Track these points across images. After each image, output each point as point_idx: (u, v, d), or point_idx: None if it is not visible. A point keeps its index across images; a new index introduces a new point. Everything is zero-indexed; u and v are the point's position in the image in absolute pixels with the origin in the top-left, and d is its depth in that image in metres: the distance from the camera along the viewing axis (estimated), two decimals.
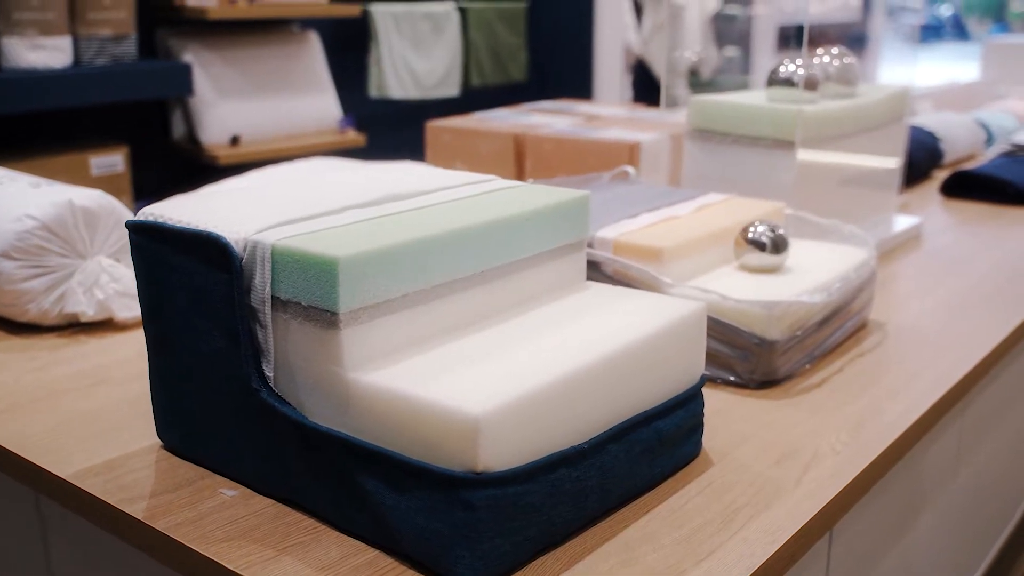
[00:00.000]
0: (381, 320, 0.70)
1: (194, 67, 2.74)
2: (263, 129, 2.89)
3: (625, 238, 1.04)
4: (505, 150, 1.88)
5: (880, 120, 1.48)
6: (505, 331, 0.77)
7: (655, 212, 1.14)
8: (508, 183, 0.91)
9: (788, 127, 1.30)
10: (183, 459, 0.83)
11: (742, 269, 1.09)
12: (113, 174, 2.50)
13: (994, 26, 16.65)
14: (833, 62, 1.44)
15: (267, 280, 0.71)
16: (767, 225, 1.07)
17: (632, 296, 0.86)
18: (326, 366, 0.70)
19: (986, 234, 1.61)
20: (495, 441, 0.64)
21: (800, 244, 1.18)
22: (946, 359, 1.07)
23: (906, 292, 1.31)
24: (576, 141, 1.78)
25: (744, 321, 0.96)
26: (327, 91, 3.08)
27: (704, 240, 1.07)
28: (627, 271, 1.02)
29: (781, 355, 0.97)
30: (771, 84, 1.37)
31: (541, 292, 0.84)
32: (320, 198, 0.82)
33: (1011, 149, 2.00)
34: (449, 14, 3.58)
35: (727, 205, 1.19)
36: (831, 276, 1.07)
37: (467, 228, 0.75)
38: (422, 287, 0.73)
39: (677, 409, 0.80)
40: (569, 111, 2.16)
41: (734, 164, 1.36)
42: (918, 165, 1.96)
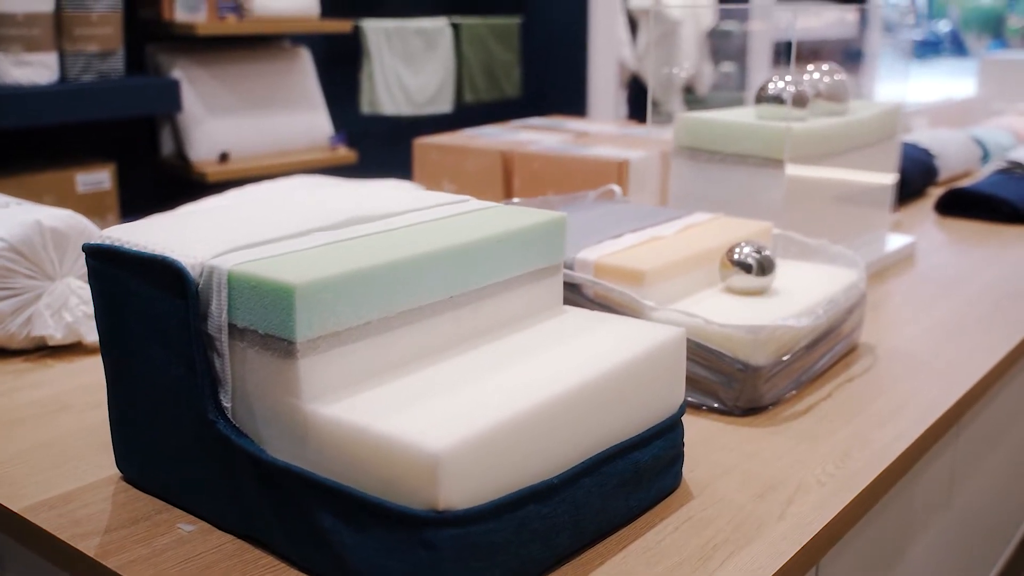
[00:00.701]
0: (341, 349, 0.67)
1: (183, 83, 2.71)
2: (253, 146, 2.87)
3: (606, 260, 1.01)
4: (493, 168, 1.85)
5: (872, 137, 1.46)
6: (475, 359, 0.74)
7: (639, 232, 1.11)
8: (482, 204, 0.88)
9: (776, 145, 1.27)
10: (142, 491, 0.80)
11: (728, 291, 1.06)
12: (99, 191, 2.47)
13: (992, 42, 16.68)
14: (823, 79, 1.42)
15: (223, 307, 0.68)
16: (753, 246, 1.04)
17: (609, 321, 0.83)
18: (283, 397, 0.67)
19: (981, 253, 1.58)
20: (457, 478, 0.60)
21: (788, 265, 1.15)
22: (938, 383, 1.04)
23: (898, 314, 1.28)
24: (564, 159, 1.75)
25: (728, 346, 0.93)
26: (318, 107, 3.06)
27: (688, 261, 1.04)
28: (608, 294, 0.99)
29: (766, 381, 0.94)
30: (759, 101, 1.34)
31: (514, 318, 0.81)
32: (285, 220, 0.79)
33: (1007, 166, 1.98)
34: (442, 30, 3.56)
35: (713, 225, 1.16)
36: (819, 298, 1.04)
37: (434, 252, 0.72)
38: (386, 314, 0.70)
39: (655, 440, 0.77)
40: (559, 128, 2.13)
41: (722, 183, 1.33)
42: (912, 182, 1.93)
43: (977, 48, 14.57)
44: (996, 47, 15.16)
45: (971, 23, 17.79)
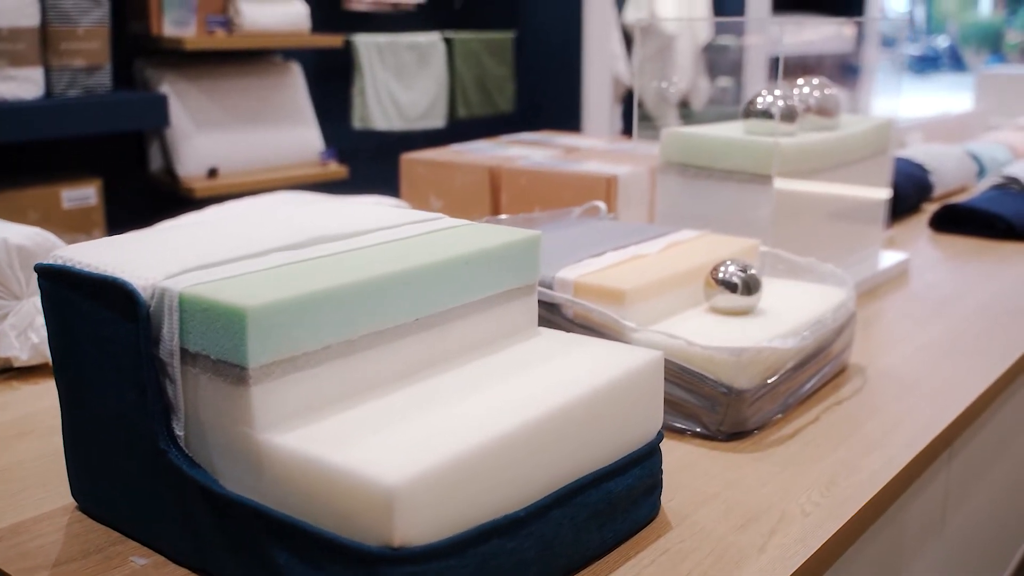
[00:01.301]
0: (298, 375, 0.64)
1: (171, 98, 2.69)
2: (242, 161, 2.84)
3: (586, 279, 0.98)
4: (480, 183, 1.82)
5: (863, 152, 1.43)
6: (441, 385, 0.71)
7: (622, 250, 1.08)
8: (455, 222, 0.85)
9: (764, 160, 1.24)
10: (97, 522, 0.76)
11: (712, 311, 1.02)
12: (86, 207, 2.44)
13: (991, 57, 16.71)
14: (813, 93, 1.39)
15: (175, 331, 0.65)
16: (738, 264, 1.01)
17: (585, 344, 0.80)
18: (236, 426, 0.63)
19: (976, 270, 1.55)
20: (414, 512, 0.57)
21: (776, 284, 1.12)
22: (931, 405, 1.01)
23: (890, 333, 1.24)
24: (552, 174, 1.72)
25: (711, 368, 0.90)
26: (309, 122, 3.03)
27: (671, 280, 1.01)
28: (588, 314, 0.96)
29: (751, 405, 0.91)
30: (748, 116, 1.32)
31: (485, 341, 0.78)
32: (247, 239, 0.76)
33: (1003, 181, 1.95)
34: (434, 44, 3.54)
35: (699, 242, 1.13)
36: (806, 318, 1.01)
37: (399, 272, 0.69)
38: (346, 338, 0.66)
39: (631, 468, 0.74)
40: (549, 143, 2.10)
41: (710, 199, 1.30)
42: (906, 198, 1.90)
43: (975, 63, 14.61)
44: (994, 62, 15.20)
45: (969, 38, 17.84)
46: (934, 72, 17.45)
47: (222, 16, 2.75)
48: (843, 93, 1.76)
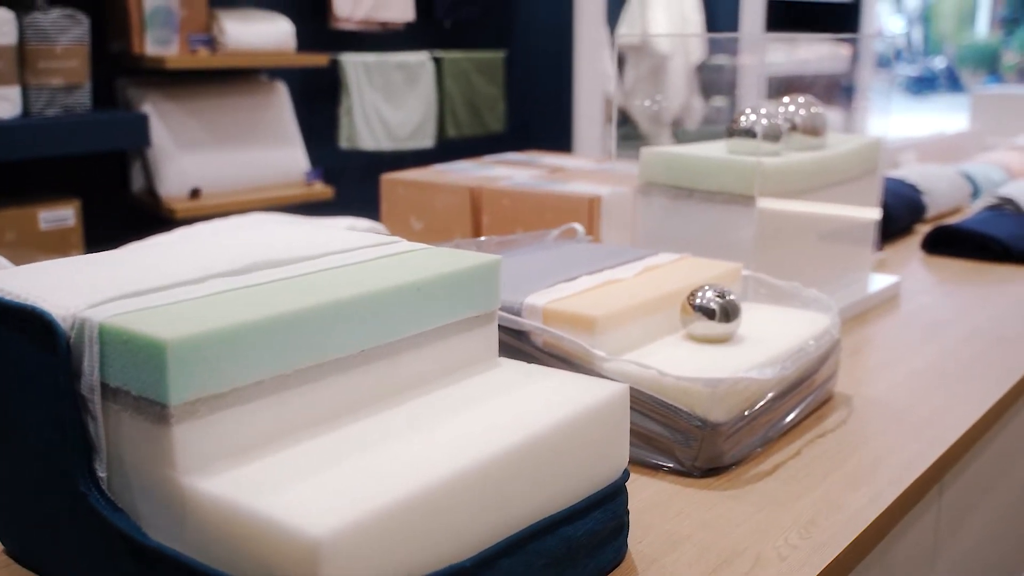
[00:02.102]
0: (226, 413, 0.59)
1: (153, 118, 2.65)
2: (226, 182, 2.80)
3: (556, 305, 0.93)
4: (461, 205, 1.77)
5: (851, 173, 1.38)
6: (387, 423, 0.66)
7: (596, 275, 1.03)
8: (412, 246, 0.80)
9: (747, 181, 1.19)
10: (24, 567, 0.71)
11: (689, 339, 0.97)
12: (63, 228, 2.40)
13: (987, 78, 16.72)
14: (799, 111, 1.34)
15: (95, 364, 0.60)
16: (715, 290, 0.96)
17: (546, 376, 0.75)
18: (158, 468, 0.58)
19: (969, 294, 1.50)
20: (343, 565, 0.52)
21: (758, 310, 1.07)
22: (920, 438, 0.96)
23: (878, 360, 1.20)
24: (534, 195, 1.68)
25: (685, 400, 0.85)
26: (294, 142, 2.99)
27: (646, 306, 0.96)
28: (558, 342, 0.91)
29: (727, 439, 0.86)
30: (731, 135, 1.27)
31: (438, 374, 0.73)
32: (185, 264, 0.71)
33: (997, 203, 1.90)
34: (423, 64, 3.50)
35: (678, 266, 1.08)
36: (788, 347, 0.96)
37: (341, 301, 0.64)
38: (281, 372, 0.61)
39: (593, 511, 0.69)
40: (534, 163, 2.06)
41: (691, 221, 1.25)
42: (899, 219, 1.86)
43: (972, 84, 14.61)
44: (991, 83, 15.23)
45: (966, 60, 17.87)
46: (931, 93, 17.46)
47: (205, 35, 2.71)
48: (837, 112, 1.72)
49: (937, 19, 19.52)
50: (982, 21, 18.70)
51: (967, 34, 18.65)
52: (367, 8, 3.24)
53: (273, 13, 2.91)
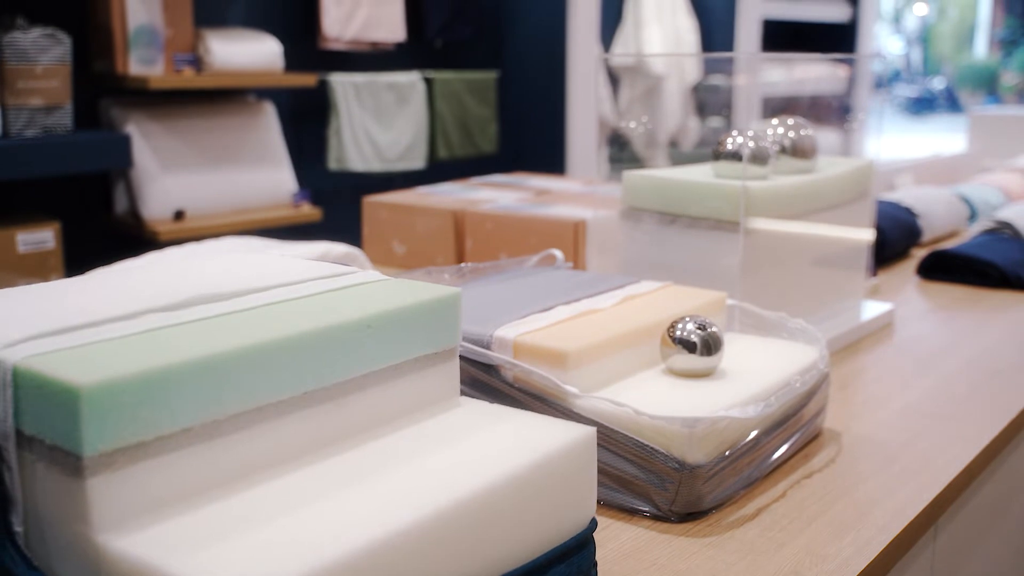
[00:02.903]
0: (148, 464, 0.54)
1: (137, 138, 2.60)
2: (211, 203, 2.75)
3: (527, 338, 0.88)
4: (444, 228, 1.73)
5: (842, 196, 1.33)
6: (332, 471, 0.61)
7: (573, 305, 0.99)
8: (368, 276, 0.75)
9: (732, 205, 1.15)
10: None
11: (669, 373, 0.93)
12: (43, 251, 2.35)
13: (987, 99, 16.74)
14: (788, 134, 1.30)
15: (9, 410, 0.55)
16: (696, 322, 0.91)
17: (509, 417, 0.70)
18: (74, 524, 0.53)
19: (966, 322, 1.46)
20: None
21: (742, 341, 1.02)
22: (913, 478, 0.91)
23: (870, 393, 1.15)
24: (518, 218, 1.63)
25: (661, 441, 0.80)
26: (282, 163, 2.94)
27: (623, 339, 0.91)
28: (529, 378, 0.86)
29: (706, 481, 0.81)
30: (717, 158, 1.23)
31: (391, 416, 0.68)
32: (120, 299, 0.66)
33: (994, 226, 1.85)
34: (414, 84, 3.46)
35: (659, 295, 1.04)
36: (773, 382, 0.91)
37: (281, 340, 0.59)
38: (213, 418, 0.57)
39: (557, 565, 0.64)
40: (520, 185, 2.01)
41: (675, 247, 1.20)
42: (893, 244, 1.81)
43: (971, 105, 14.63)
44: (990, 103, 15.22)
45: (965, 80, 17.89)
46: (930, 113, 17.47)
47: (191, 54, 2.67)
48: (833, 134, 1.67)
49: (936, 40, 19.56)
50: (981, 42, 18.74)
51: (966, 55, 18.68)
52: (357, 28, 3.20)
53: (261, 33, 2.87)
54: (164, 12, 2.61)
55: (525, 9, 3.83)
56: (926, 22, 19.92)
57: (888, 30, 20.44)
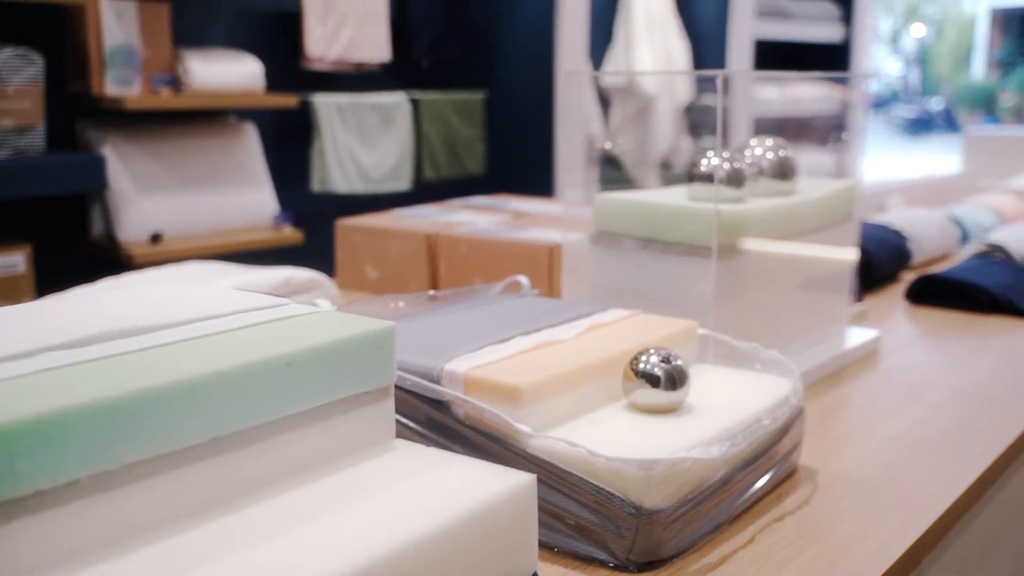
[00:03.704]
0: (26, 522, 0.49)
1: (113, 160, 2.55)
2: (189, 226, 2.70)
3: (479, 372, 0.83)
4: (417, 252, 1.68)
5: (824, 219, 1.28)
6: (243, 524, 0.56)
7: (533, 335, 0.93)
8: (299, 310, 0.70)
9: (705, 229, 1.09)
10: None
11: (632, 409, 0.87)
12: (13, 275, 2.30)
13: (984, 119, 16.76)
14: (767, 154, 1.25)
15: None
16: (660, 354, 0.86)
17: (445, 463, 0.65)
18: None
19: (953, 349, 1.40)
20: None
21: (713, 374, 0.97)
22: (892, 520, 0.85)
23: (851, 427, 1.09)
24: (492, 242, 1.58)
25: (617, 484, 0.74)
26: (263, 185, 2.90)
27: (583, 373, 0.86)
28: (480, 415, 0.81)
29: (666, 527, 0.75)
30: (691, 180, 1.17)
31: (316, 463, 0.62)
32: (21, 334, 0.60)
33: (986, 249, 1.80)
34: (399, 104, 3.41)
35: (627, 324, 0.98)
36: (743, 417, 0.85)
37: (183, 382, 0.54)
38: (103, 469, 0.51)
39: None
40: (500, 208, 1.96)
41: (647, 273, 1.15)
42: (881, 267, 1.76)
43: (969, 125, 14.66)
44: (988, 123, 15.23)
45: (963, 101, 17.93)
46: (928, 134, 17.49)
47: (169, 75, 2.62)
48: (823, 154, 1.62)
49: (934, 61, 19.61)
50: (978, 63, 18.78)
51: (963, 76, 18.73)
52: (341, 48, 3.16)
53: (241, 53, 2.83)
54: (141, 32, 2.57)
55: (513, 29, 3.79)
56: (924, 43, 19.97)
57: (886, 51, 20.50)
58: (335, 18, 3.12)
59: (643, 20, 4.26)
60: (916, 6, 20.40)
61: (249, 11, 3.10)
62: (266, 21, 3.17)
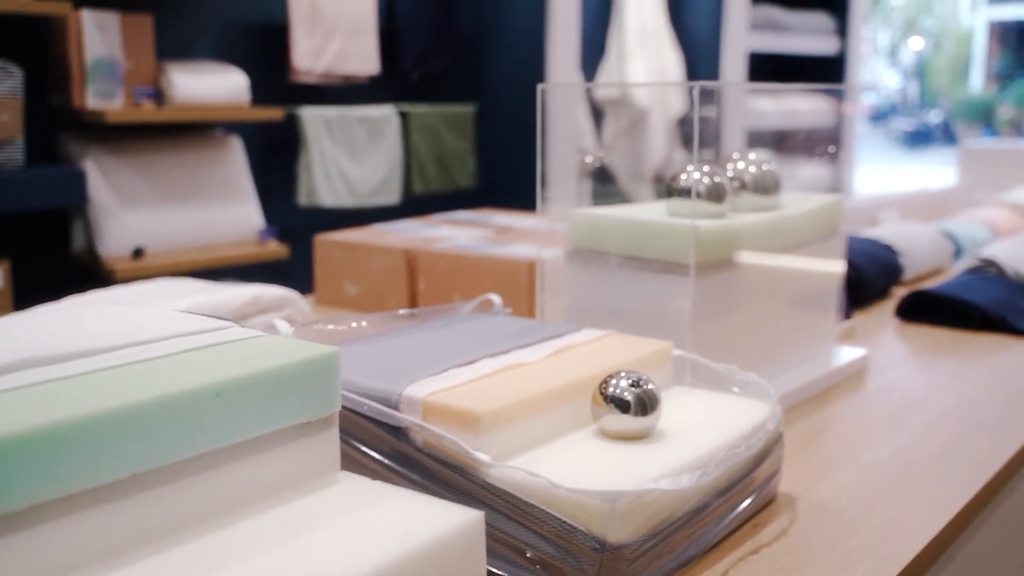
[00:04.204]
0: None
1: (94, 174, 2.52)
2: (172, 240, 2.66)
3: (438, 397, 0.79)
4: (397, 268, 1.64)
5: (808, 235, 1.25)
6: (167, 566, 0.52)
7: (499, 358, 0.89)
8: (241, 334, 0.66)
9: (683, 246, 1.06)
10: None
11: (601, 435, 0.83)
12: None
13: (983, 131, 16.77)
14: (750, 168, 1.21)
15: None
16: (631, 378, 0.82)
17: (391, 497, 0.61)
18: None
19: (943, 368, 1.36)
20: None
21: (689, 397, 0.93)
22: (876, 551, 0.81)
23: (834, 452, 1.05)
24: (471, 258, 1.54)
25: (580, 517, 0.70)
26: (248, 199, 2.86)
27: (549, 397, 0.82)
28: (440, 443, 0.77)
29: (632, 562, 0.71)
30: (671, 194, 1.14)
31: (251, 498, 0.58)
32: None
33: (979, 264, 1.76)
34: (388, 118, 3.38)
35: (599, 346, 0.94)
36: (718, 444, 0.81)
37: (99, 415, 0.50)
38: (10, 509, 0.47)
39: None
40: (483, 223, 1.93)
41: (624, 291, 1.11)
42: (871, 283, 1.72)
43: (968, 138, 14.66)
44: (987, 136, 15.23)
45: (962, 113, 17.93)
46: (927, 146, 17.48)
47: (152, 88, 2.59)
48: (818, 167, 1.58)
49: (932, 74, 19.61)
50: (976, 75, 18.79)
51: (962, 88, 18.73)
52: (329, 61, 3.12)
53: (226, 65, 2.80)
54: (124, 44, 2.54)
55: (504, 41, 3.76)
56: (922, 56, 19.97)
57: (885, 64, 20.51)
58: (323, 30, 3.09)
59: (636, 32, 4.24)
60: (914, 19, 20.44)
61: (235, 23, 3.07)
62: (253, 33, 3.14)
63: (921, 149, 17.93)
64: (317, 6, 3.07)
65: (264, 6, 3.14)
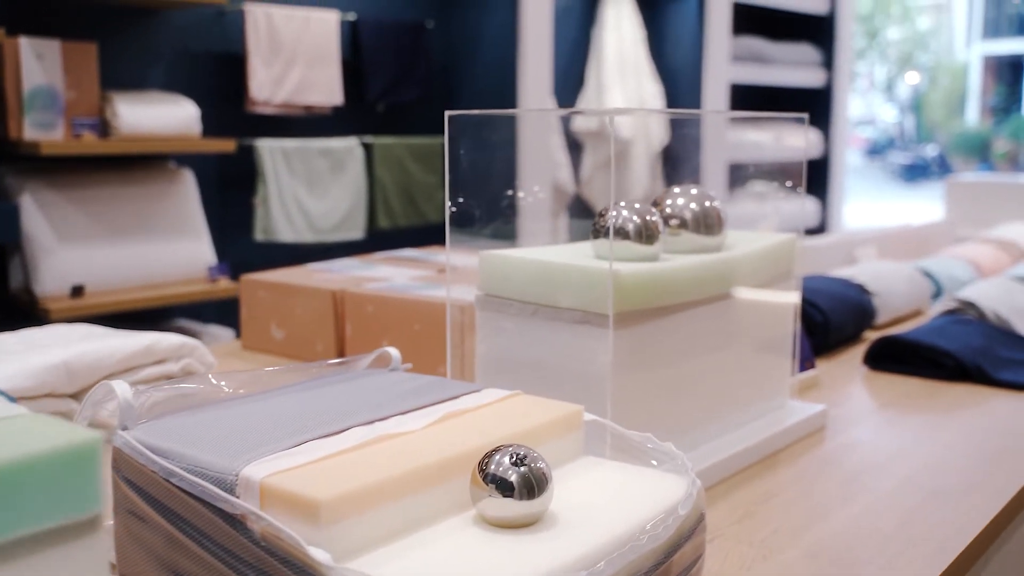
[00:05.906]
0: None
1: (32, 209, 2.40)
2: (115, 278, 2.54)
3: (277, 480, 0.66)
4: (324, 311, 1.51)
5: (757, 278, 1.12)
6: None
7: (375, 425, 0.77)
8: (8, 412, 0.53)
9: (602, 293, 0.93)
10: None
11: (481, 521, 0.70)
12: None
13: (979, 165, 16.72)
14: (691, 204, 1.09)
15: None
16: (515, 454, 0.69)
17: None
18: None
19: (910, 425, 1.23)
20: None
21: (598, 472, 0.80)
22: None
23: (776, 528, 0.92)
24: (399, 301, 1.42)
25: None
26: (199, 234, 2.74)
27: (415, 478, 0.69)
28: (278, 535, 0.64)
29: None
30: (596, 235, 1.02)
31: None
32: None
33: (956, 306, 1.64)
34: (351, 150, 3.26)
35: (497, 410, 0.82)
36: (616, 535, 0.68)
37: None
38: None
39: None
40: (425, 261, 1.80)
41: (537, 343, 0.99)
42: (840, 328, 1.59)
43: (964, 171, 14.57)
44: (983, 170, 15.16)
45: (958, 147, 17.88)
46: (923, 180, 17.41)
47: (95, 119, 2.47)
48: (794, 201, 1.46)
49: (928, 108, 19.56)
50: (972, 110, 18.76)
51: (958, 122, 18.69)
52: (288, 91, 3.01)
53: (175, 95, 2.68)
54: (65, 74, 2.42)
55: (473, 72, 3.65)
56: (918, 90, 19.93)
57: (881, 98, 20.48)
58: (282, 60, 2.98)
59: (615, 63, 4.13)
60: (910, 54, 20.45)
61: (189, 52, 2.96)
62: (208, 63, 3.02)
63: (918, 183, 17.89)
64: (276, 35, 2.96)
65: (220, 35, 3.03)
